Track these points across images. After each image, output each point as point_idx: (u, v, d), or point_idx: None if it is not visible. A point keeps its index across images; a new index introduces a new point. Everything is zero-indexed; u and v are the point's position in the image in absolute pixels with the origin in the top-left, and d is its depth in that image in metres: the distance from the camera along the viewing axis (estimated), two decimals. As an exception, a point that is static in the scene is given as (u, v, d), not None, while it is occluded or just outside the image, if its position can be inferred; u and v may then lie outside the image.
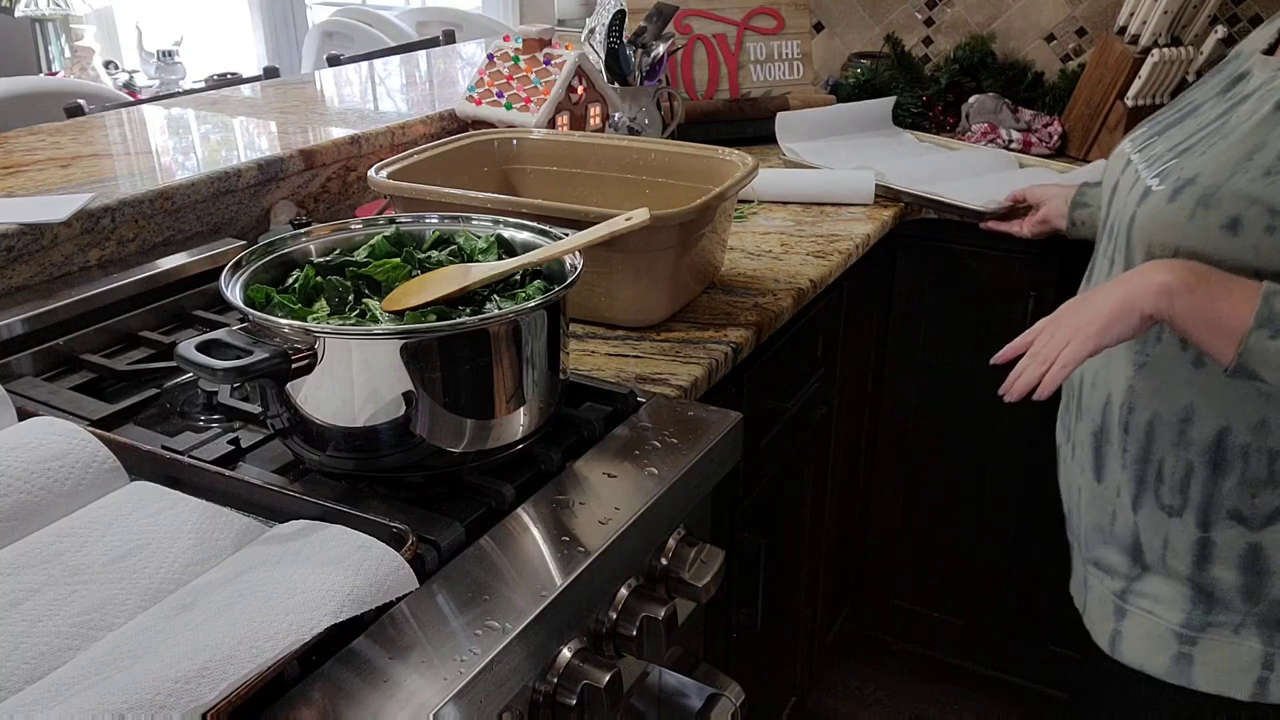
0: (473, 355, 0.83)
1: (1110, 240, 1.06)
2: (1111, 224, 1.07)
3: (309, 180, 1.56)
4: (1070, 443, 1.14)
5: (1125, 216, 1.02)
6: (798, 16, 2.11)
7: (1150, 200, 0.98)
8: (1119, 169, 1.09)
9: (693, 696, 0.98)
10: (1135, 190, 1.01)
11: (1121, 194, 1.05)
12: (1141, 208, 0.98)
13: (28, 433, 0.81)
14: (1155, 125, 1.10)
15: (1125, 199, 1.03)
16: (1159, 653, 1.03)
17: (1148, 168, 1.02)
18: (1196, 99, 1.07)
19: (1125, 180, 1.06)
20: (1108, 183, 1.11)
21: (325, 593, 0.65)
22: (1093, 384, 1.07)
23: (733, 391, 1.28)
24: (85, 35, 4.53)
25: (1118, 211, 1.05)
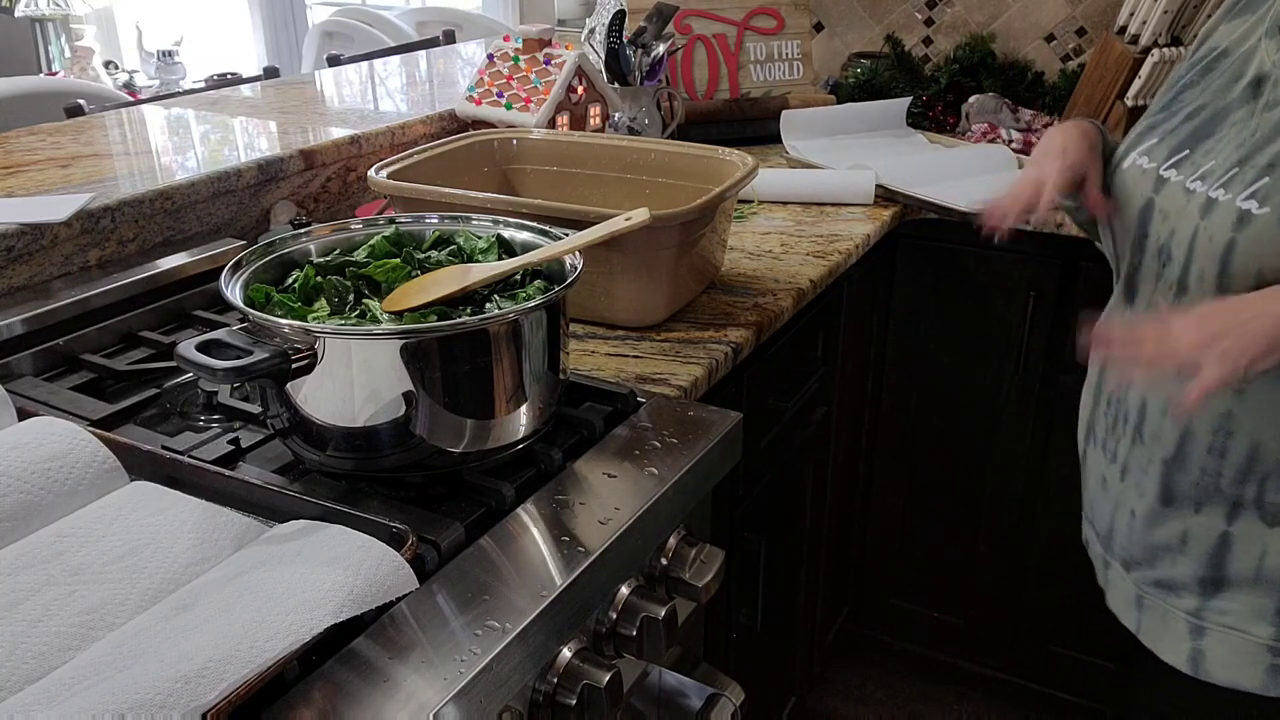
0: (473, 355, 0.83)
1: (1172, 265, 0.99)
2: (1165, 246, 0.99)
3: (309, 180, 1.56)
4: (1118, 464, 1.08)
5: (1215, 243, 0.93)
6: (798, 16, 2.11)
7: (1254, 225, 0.91)
8: (1148, 188, 1.02)
9: (693, 696, 0.98)
10: (1217, 214, 0.94)
11: (1178, 217, 0.98)
12: (1243, 233, 0.91)
13: (28, 433, 0.81)
14: (1171, 136, 1.04)
15: (1192, 222, 0.96)
16: (1251, 667, 1.00)
17: (1214, 187, 0.96)
18: (1205, 103, 1.02)
19: (1172, 202, 0.99)
20: (1132, 202, 1.04)
21: (325, 593, 0.65)
22: (1164, 410, 1.01)
23: (733, 391, 1.28)
24: (85, 35, 4.53)
25: (1182, 236, 0.97)
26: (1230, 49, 1.04)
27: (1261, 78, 0.98)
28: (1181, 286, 0.98)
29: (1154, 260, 1.02)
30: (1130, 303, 1.07)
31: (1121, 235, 1.08)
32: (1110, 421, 1.09)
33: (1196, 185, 0.97)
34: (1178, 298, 0.99)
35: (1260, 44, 1.01)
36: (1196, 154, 1.00)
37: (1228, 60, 1.04)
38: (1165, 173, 1.01)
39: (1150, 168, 1.04)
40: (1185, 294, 0.98)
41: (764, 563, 1.43)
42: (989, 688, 2.06)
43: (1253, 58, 1.01)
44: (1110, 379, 1.09)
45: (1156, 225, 1.01)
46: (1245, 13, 1.06)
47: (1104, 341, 0.97)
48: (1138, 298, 1.05)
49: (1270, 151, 0.93)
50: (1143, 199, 1.03)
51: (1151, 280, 1.03)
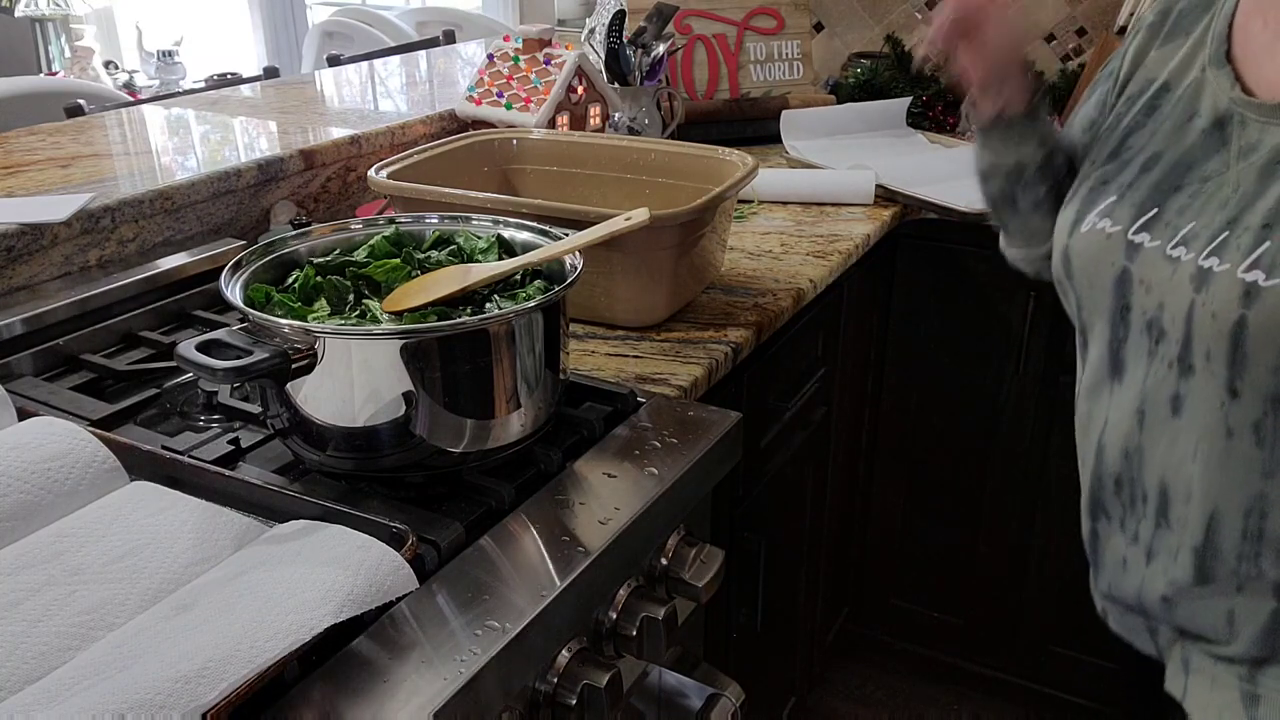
0: (473, 355, 0.83)
1: (1167, 342, 0.90)
2: (1155, 321, 0.90)
3: (309, 180, 1.56)
4: (1141, 546, 0.98)
5: (1221, 320, 0.85)
6: (798, 16, 2.11)
7: (1266, 299, 0.82)
8: (1118, 255, 0.93)
9: (693, 696, 0.98)
10: (1217, 287, 0.85)
11: (1166, 289, 0.89)
12: (1254, 309, 0.83)
13: (28, 433, 0.81)
14: (1131, 192, 0.94)
15: (1186, 296, 0.87)
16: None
17: (1204, 255, 0.87)
18: (1159, 150, 0.94)
19: (1153, 271, 0.90)
20: (1101, 271, 0.94)
21: (325, 593, 0.65)
22: (1188, 497, 0.91)
23: (733, 391, 1.28)
24: (85, 35, 4.53)
25: (1175, 311, 0.88)
26: (1171, 82, 0.96)
27: (1222, 119, 0.91)
28: (1186, 366, 0.89)
29: (1143, 336, 0.93)
30: (1119, 378, 0.97)
31: (1090, 305, 0.98)
32: (1127, 502, 0.99)
33: (1180, 252, 0.88)
34: (1184, 377, 0.89)
35: (1207, 76, 0.93)
36: (1167, 213, 0.91)
37: (1172, 96, 0.95)
38: (1136, 237, 0.92)
39: (1116, 231, 0.94)
40: (1193, 374, 0.89)
41: (764, 563, 1.43)
42: (989, 688, 2.06)
43: (1202, 93, 0.93)
44: (1110, 459, 0.99)
45: (1139, 297, 0.92)
46: (1176, 36, 0.98)
47: None
48: (1127, 373, 0.96)
49: (1262, 209, 0.85)
50: (1115, 268, 0.93)
51: (1143, 356, 0.93)
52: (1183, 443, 0.91)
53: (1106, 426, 0.98)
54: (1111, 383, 0.98)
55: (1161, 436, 0.92)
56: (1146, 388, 0.93)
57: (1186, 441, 0.90)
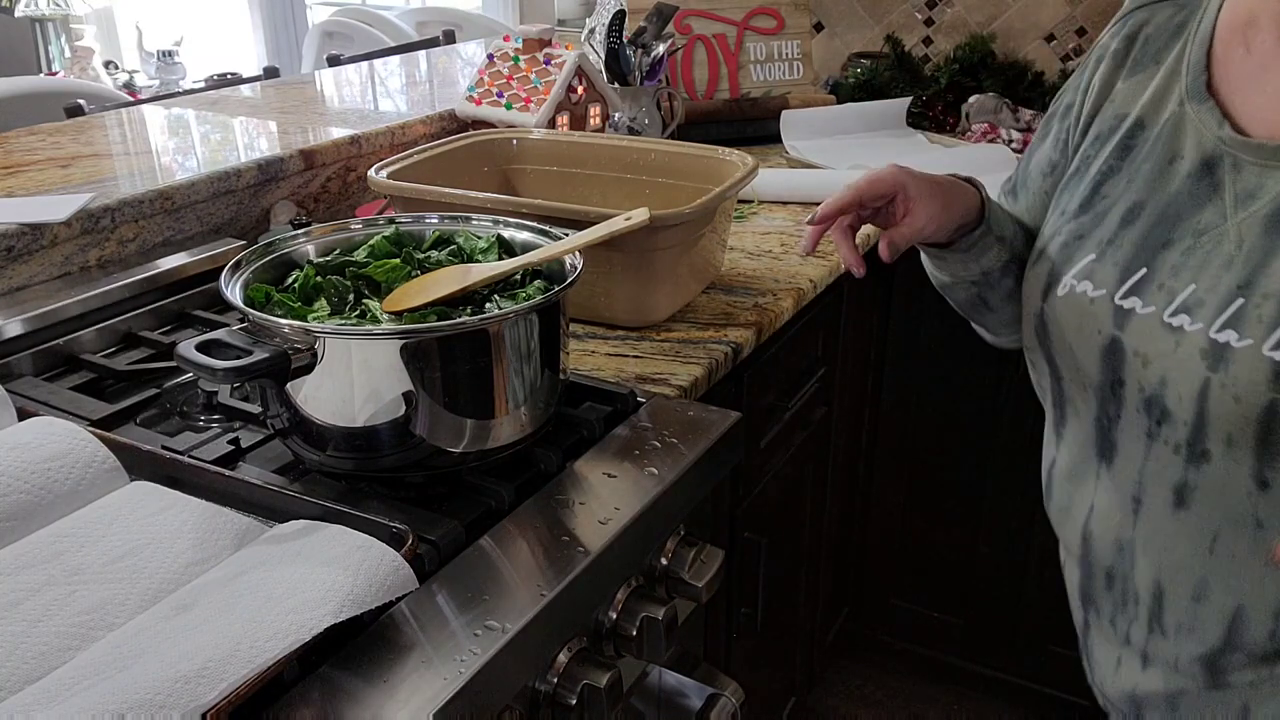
0: (473, 355, 0.83)
1: (1173, 424, 0.78)
2: (1156, 400, 0.79)
3: (309, 180, 1.56)
4: (1134, 649, 0.88)
5: (1246, 404, 0.73)
6: (798, 16, 2.11)
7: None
8: (1106, 322, 0.82)
9: (693, 696, 0.98)
10: (1239, 366, 0.73)
11: (1168, 363, 0.77)
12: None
13: (28, 433, 0.81)
14: (1113, 250, 0.82)
15: (1196, 374, 0.76)
16: None
17: (1216, 326, 0.75)
18: (1140, 199, 0.82)
19: (1150, 342, 0.79)
20: (1085, 340, 0.84)
21: (325, 593, 0.65)
22: (1200, 596, 0.81)
23: (733, 391, 1.28)
24: (85, 35, 4.53)
25: (1182, 389, 0.77)
26: (1145, 119, 0.84)
27: (1211, 161, 0.79)
28: (1198, 452, 0.77)
29: (1140, 415, 0.81)
30: (1109, 461, 0.86)
31: (1072, 377, 0.87)
32: (1118, 599, 0.89)
33: (1181, 320, 0.77)
34: (1194, 464, 0.78)
35: (1187, 111, 0.81)
36: (1159, 273, 0.79)
37: (1147, 136, 0.84)
38: (1124, 302, 0.81)
39: (1100, 296, 0.82)
40: (1207, 461, 0.77)
41: (764, 563, 1.43)
42: (989, 688, 2.05)
43: (1183, 131, 0.81)
44: (1100, 549, 0.89)
45: (1134, 371, 0.80)
46: (1145, 65, 0.86)
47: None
48: (1120, 455, 0.84)
49: (1264, 272, 0.74)
50: (1102, 337, 0.82)
51: (1141, 439, 0.82)
52: (1190, 537, 0.80)
53: (1093, 514, 0.89)
54: (1099, 465, 0.87)
55: (1160, 530, 0.82)
56: (1145, 474, 0.82)
57: (1197, 536, 0.79)
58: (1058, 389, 0.90)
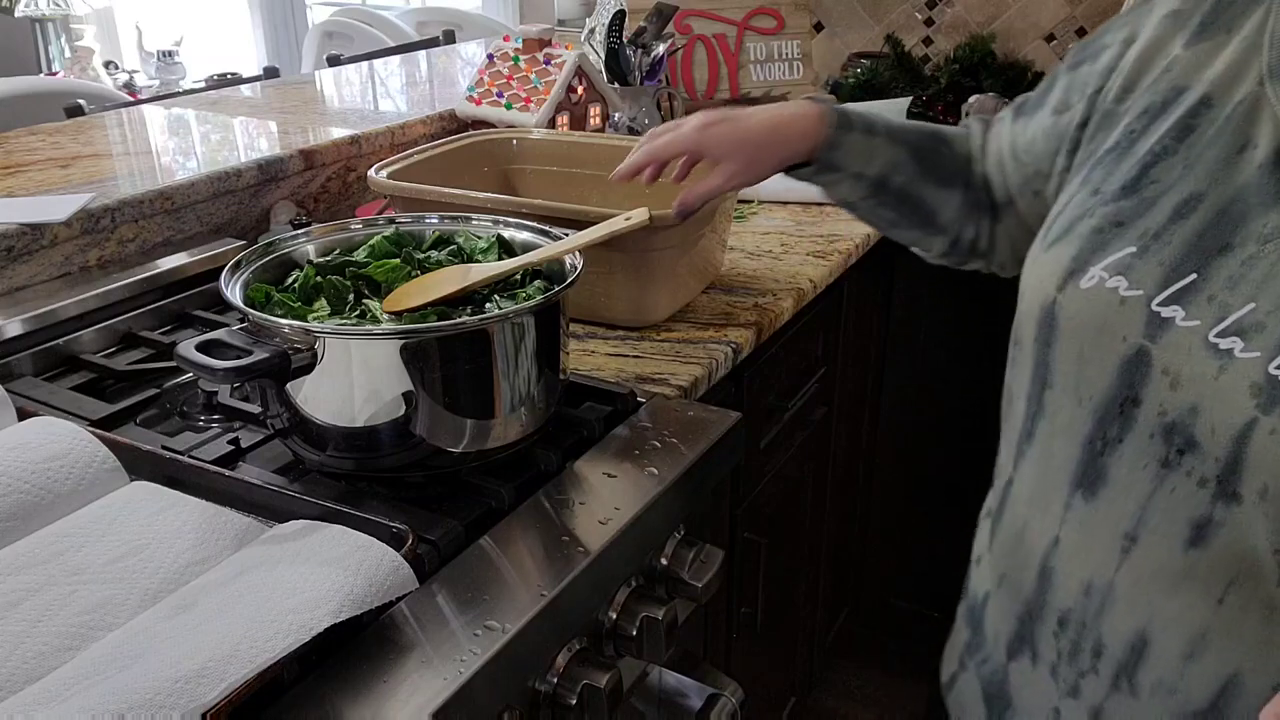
0: (472, 355, 0.83)
1: (1199, 456, 0.66)
2: (1181, 427, 0.67)
3: (309, 180, 1.56)
4: (1083, 704, 0.76)
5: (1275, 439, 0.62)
6: (798, 16, 2.11)
7: None
8: (1135, 329, 0.69)
9: (693, 696, 0.98)
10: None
11: (1205, 390, 0.65)
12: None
13: (28, 433, 0.81)
14: (1158, 246, 0.69)
15: (1241, 410, 0.64)
16: None
17: (1267, 353, 0.63)
18: (1200, 190, 0.69)
19: (1186, 362, 0.66)
20: (1105, 342, 0.71)
21: (325, 593, 0.65)
22: (1191, 655, 0.69)
23: (733, 391, 1.28)
24: (85, 35, 4.53)
25: (1216, 420, 0.65)
26: (1213, 96, 0.71)
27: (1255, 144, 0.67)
28: (1228, 491, 0.65)
29: (1154, 443, 0.68)
30: (1089, 493, 0.73)
31: (1070, 385, 0.74)
32: (1067, 650, 0.76)
33: (1232, 344, 0.64)
34: (1224, 501, 0.65)
35: (1266, 92, 0.68)
36: (1212, 283, 0.66)
37: (1214, 115, 0.70)
38: (1164, 310, 0.68)
39: (1135, 296, 0.69)
40: (1238, 502, 0.65)
41: (764, 563, 1.43)
42: (989, 688, 2.05)
43: (1258, 114, 0.68)
44: (1061, 590, 0.76)
45: (1158, 392, 0.68)
46: (1214, 32, 0.73)
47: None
48: (1108, 487, 0.72)
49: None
50: (1128, 345, 0.69)
51: (1150, 468, 0.69)
52: (1200, 582, 0.68)
53: (1058, 550, 0.76)
54: (1072, 495, 0.74)
55: (1162, 572, 0.69)
56: (1151, 508, 0.69)
57: (1209, 581, 0.67)
58: (1038, 398, 0.77)
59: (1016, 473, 0.81)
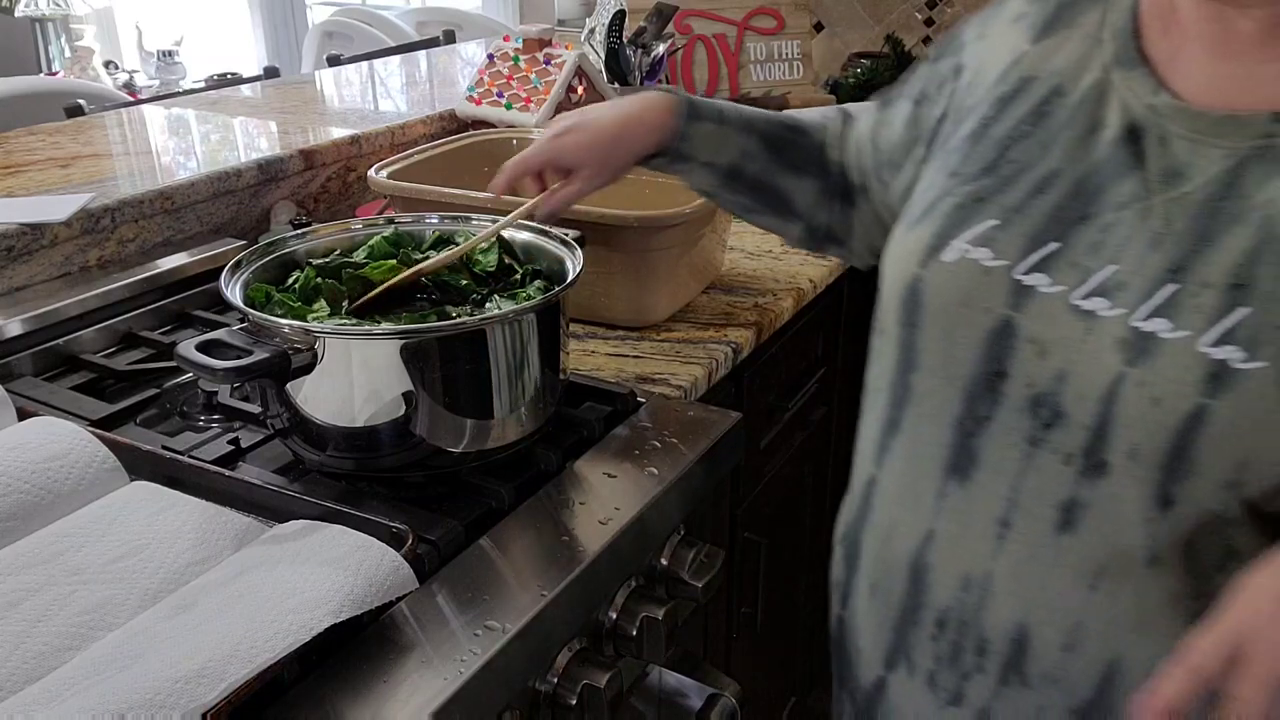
0: (472, 355, 0.83)
1: (1068, 428, 0.67)
2: (1049, 399, 0.67)
3: (309, 180, 1.56)
4: (968, 710, 0.75)
5: (1166, 409, 0.62)
6: (798, 16, 2.11)
7: (1243, 386, 0.60)
8: (998, 299, 0.69)
9: (693, 696, 0.98)
10: (1165, 362, 0.63)
11: (1071, 354, 0.66)
12: (1222, 399, 0.61)
13: (28, 433, 0.81)
14: (1020, 219, 0.70)
15: (1108, 368, 0.65)
16: None
17: (1140, 313, 0.64)
18: (1057, 167, 0.71)
19: (1051, 327, 0.67)
20: (969, 316, 0.71)
21: (325, 593, 0.65)
22: (1072, 645, 0.69)
23: (733, 391, 1.28)
24: (85, 35, 4.53)
25: (1085, 386, 0.66)
26: (1063, 84, 0.74)
27: (1136, 130, 0.69)
28: (1096, 463, 0.66)
29: (1022, 417, 0.68)
30: (962, 478, 0.72)
31: (934, 365, 0.73)
32: (947, 653, 0.75)
33: (1096, 304, 0.66)
34: (1088, 478, 0.66)
35: (1112, 78, 0.72)
36: (1074, 249, 0.68)
37: (1066, 101, 0.73)
38: (1027, 278, 0.68)
39: (998, 266, 0.69)
40: (1104, 474, 0.65)
41: (764, 563, 1.43)
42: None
43: (1107, 98, 0.72)
44: (937, 587, 0.75)
45: (1025, 363, 0.68)
46: (1058, 28, 0.76)
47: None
48: (981, 470, 0.71)
49: (1224, 263, 0.63)
50: (991, 318, 0.69)
51: (1019, 446, 0.69)
52: (1071, 569, 0.68)
53: (931, 543, 0.75)
54: (947, 483, 0.73)
55: (1036, 559, 0.69)
56: (1021, 490, 0.69)
57: (1080, 568, 0.68)
58: (903, 385, 0.76)
59: (881, 470, 0.80)
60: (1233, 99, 0.67)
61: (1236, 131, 0.65)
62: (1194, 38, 0.69)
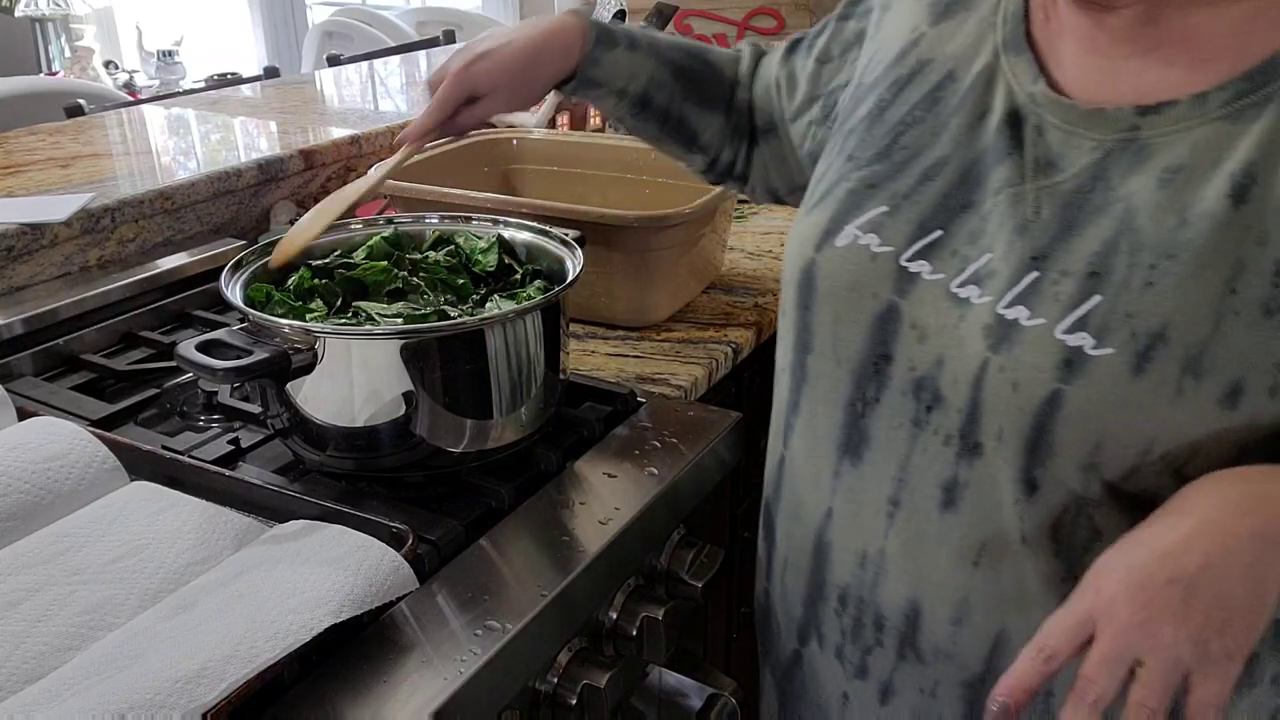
0: (472, 355, 0.83)
1: (944, 411, 0.68)
2: (928, 382, 0.69)
3: (309, 180, 1.56)
4: (871, 682, 0.77)
5: (1025, 394, 0.64)
6: (798, 16, 2.11)
7: (1094, 372, 0.62)
8: (885, 284, 0.71)
9: (693, 696, 0.98)
10: (1025, 348, 0.64)
11: (947, 340, 0.68)
12: (1075, 385, 0.62)
13: (28, 433, 0.81)
14: (909, 205, 0.72)
15: (977, 353, 0.66)
16: None
17: (1007, 300, 0.65)
18: (946, 154, 0.72)
19: (932, 313, 0.69)
20: (857, 301, 0.72)
21: (325, 593, 0.65)
22: (960, 619, 0.70)
23: (733, 391, 1.28)
24: (85, 35, 4.54)
25: (959, 370, 0.67)
26: (956, 69, 0.74)
27: (1016, 116, 0.70)
28: (971, 445, 0.67)
29: (907, 399, 0.70)
30: (855, 458, 0.74)
31: (826, 348, 0.75)
32: (849, 626, 0.77)
33: (970, 292, 0.67)
34: (966, 458, 0.68)
35: (1001, 63, 0.73)
36: (955, 238, 0.69)
37: (957, 87, 0.74)
38: (912, 265, 0.70)
39: (885, 253, 0.71)
40: (979, 456, 0.67)
41: (764, 563, 1.43)
42: (989, 688, 2.05)
43: (995, 83, 0.72)
44: (837, 564, 0.76)
45: (908, 347, 0.70)
46: (956, 10, 0.77)
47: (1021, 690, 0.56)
48: (872, 449, 0.73)
49: (1085, 251, 0.64)
50: (878, 302, 0.71)
51: (903, 426, 0.71)
52: (955, 547, 0.70)
53: (831, 521, 0.76)
54: (841, 462, 0.75)
55: (924, 536, 0.71)
56: (909, 469, 0.71)
57: (962, 545, 0.69)
58: (800, 366, 0.78)
59: (787, 449, 0.82)
60: (1101, 92, 0.68)
61: (1103, 124, 0.67)
62: (1068, 29, 0.70)
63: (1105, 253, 0.63)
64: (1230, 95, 0.63)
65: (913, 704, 0.75)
